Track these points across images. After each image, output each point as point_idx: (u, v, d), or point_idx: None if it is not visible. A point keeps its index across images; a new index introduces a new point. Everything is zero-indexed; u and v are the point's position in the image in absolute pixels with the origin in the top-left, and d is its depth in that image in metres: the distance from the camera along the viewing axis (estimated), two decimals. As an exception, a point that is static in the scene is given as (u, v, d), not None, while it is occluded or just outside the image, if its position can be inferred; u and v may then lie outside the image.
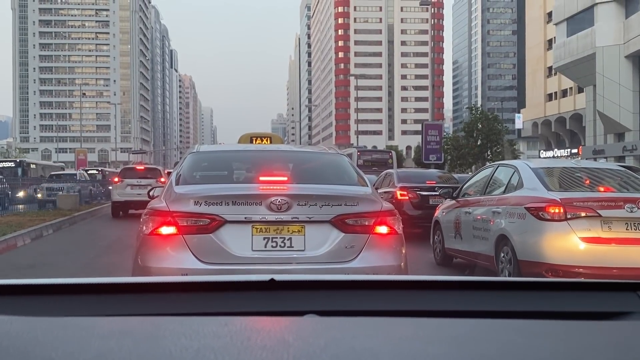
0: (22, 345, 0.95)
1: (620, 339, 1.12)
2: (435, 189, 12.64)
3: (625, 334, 1.19)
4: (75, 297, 1.39)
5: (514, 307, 1.42)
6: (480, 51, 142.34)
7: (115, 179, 21.90)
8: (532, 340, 1.07)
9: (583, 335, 1.14)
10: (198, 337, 0.98)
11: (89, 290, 1.43)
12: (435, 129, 33.80)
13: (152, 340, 1.00)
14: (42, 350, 0.93)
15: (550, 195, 6.74)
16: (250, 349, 0.94)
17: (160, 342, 0.98)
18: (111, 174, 47.84)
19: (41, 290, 1.41)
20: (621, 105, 38.86)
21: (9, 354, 0.91)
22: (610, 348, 1.06)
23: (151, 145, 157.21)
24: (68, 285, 1.42)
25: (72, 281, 1.43)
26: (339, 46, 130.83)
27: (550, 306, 1.43)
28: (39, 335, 1.00)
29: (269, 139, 16.68)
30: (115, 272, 7.90)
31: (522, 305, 1.43)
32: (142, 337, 1.02)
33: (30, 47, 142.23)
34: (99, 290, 1.43)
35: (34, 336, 0.99)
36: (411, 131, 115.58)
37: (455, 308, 1.39)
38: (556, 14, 46.47)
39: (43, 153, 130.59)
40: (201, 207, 4.41)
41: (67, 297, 1.39)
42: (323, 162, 5.68)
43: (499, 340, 1.08)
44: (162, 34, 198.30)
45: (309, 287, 1.50)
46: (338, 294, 1.47)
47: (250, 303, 1.39)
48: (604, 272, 6.32)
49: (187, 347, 0.93)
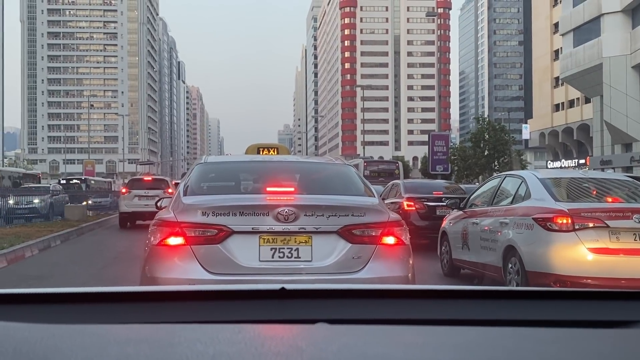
0: (41, 352, 0.96)
1: (627, 347, 1.13)
2: (442, 200, 12.62)
3: (632, 342, 1.20)
4: (91, 306, 1.41)
5: (521, 315, 1.42)
6: (487, 62, 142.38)
7: (123, 190, 21.98)
8: (539, 348, 1.08)
9: (589, 343, 1.14)
10: (213, 344, 0.99)
11: (104, 298, 1.45)
12: (442, 139, 33.82)
13: (168, 347, 1.01)
14: (61, 357, 0.94)
15: (558, 206, 6.72)
16: (265, 355, 0.95)
17: (176, 348, 0.99)
18: (98, 184, 45.93)
19: (59, 298, 1.43)
20: (628, 115, 38.74)
21: (30, 359, 0.93)
22: (617, 356, 1.06)
23: (159, 157, 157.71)
24: (85, 294, 1.44)
25: (89, 290, 1.45)
26: (345, 57, 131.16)
27: (557, 315, 1.43)
28: (58, 342, 1.01)
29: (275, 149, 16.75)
30: (123, 283, 7.91)
31: (529, 314, 1.43)
32: (158, 344, 1.04)
33: (39, 58, 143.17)
34: (114, 299, 1.45)
35: (52, 343, 1.00)
36: (418, 142, 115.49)
37: (462, 317, 1.40)
38: (563, 24, 46.45)
39: (51, 164, 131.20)
40: (209, 217, 4.42)
41: (83, 305, 1.41)
42: (330, 173, 5.68)
43: (506, 347, 1.08)
44: (169, 45, 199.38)
45: (320, 296, 1.51)
46: (348, 302, 1.48)
47: (262, 311, 1.41)
48: (612, 283, 6.29)
49: (203, 353, 0.95)
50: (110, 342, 1.03)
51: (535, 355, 1.03)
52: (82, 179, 42.02)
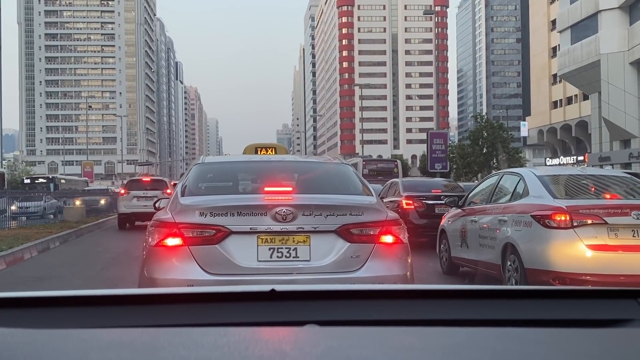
0: (22, 358, 0.95)
1: (620, 346, 1.11)
2: (441, 198, 12.61)
3: (625, 341, 1.18)
4: (75, 309, 1.39)
5: (511, 315, 1.41)
6: (485, 59, 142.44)
7: (122, 190, 21.96)
8: (529, 348, 1.07)
9: (581, 342, 1.13)
10: (196, 348, 0.99)
11: (89, 302, 1.43)
12: (440, 137, 33.80)
13: (150, 351, 1.01)
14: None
15: (556, 203, 6.72)
16: (247, 358, 0.96)
17: (158, 353, 0.99)
18: (69, 183, 39.94)
19: (41, 302, 1.41)
20: (626, 112, 38.77)
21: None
22: (609, 355, 1.05)
23: (157, 157, 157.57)
24: (68, 298, 1.42)
25: (72, 293, 1.43)
26: (343, 56, 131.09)
27: (549, 314, 1.41)
28: (39, 348, 1.01)
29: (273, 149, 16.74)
30: (122, 284, 7.91)
31: (520, 314, 1.41)
32: (140, 348, 1.03)
33: (36, 60, 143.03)
34: (99, 302, 1.43)
35: (34, 348, 1.00)
36: (416, 140, 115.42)
37: (452, 317, 1.38)
38: (560, 21, 46.48)
39: (50, 166, 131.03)
40: (206, 218, 4.42)
41: (67, 309, 1.39)
42: (328, 172, 5.68)
43: (494, 348, 1.07)
44: (167, 46, 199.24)
45: (310, 297, 1.50)
46: (338, 303, 1.47)
47: (251, 314, 1.39)
48: (611, 279, 6.29)
49: (185, 358, 0.95)
50: (92, 347, 1.03)
51: (523, 356, 1.02)
52: (49, 178, 38.78)
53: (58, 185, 36.09)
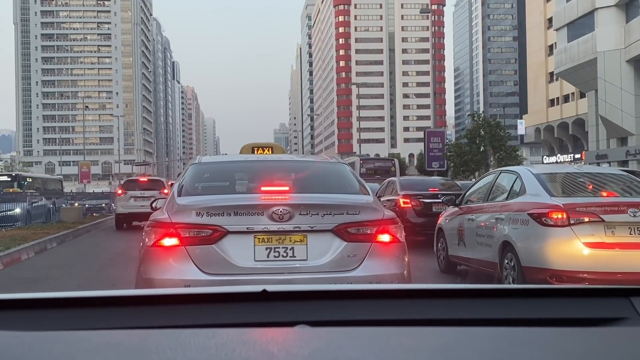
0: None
1: (612, 345, 1.11)
2: (438, 197, 12.61)
3: (617, 340, 1.18)
4: (63, 311, 1.38)
5: (502, 314, 1.40)
6: (482, 58, 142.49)
7: (119, 191, 21.94)
8: (519, 348, 1.06)
9: (573, 342, 1.12)
10: (183, 350, 0.98)
11: (77, 303, 1.41)
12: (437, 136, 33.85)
13: (136, 354, 1.00)
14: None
15: (553, 201, 6.72)
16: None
17: (144, 355, 0.98)
18: (37, 182, 33.80)
19: (28, 305, 1.40)
20: (623, 109, 38.81)
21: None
22: (601, 355, 1.05)
23: (154, 157, 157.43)
24: (55, 300, 1.40)
25: (60, 295, 1.42)
26: (340, 55, 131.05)
27: (540, 313, 1.41)
28: (26, 350, 1.00)
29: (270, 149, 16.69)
30: (119, 284, 7.90)
31: (511, 313, 1.40)
32: (127, 351, 1.03)
33: (33, 60, 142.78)
34: (88, 304, 1.41)
35: (21, 351, 1.00)
36: (414, 139, 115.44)
37: (442, 316, 1.38)
38: (556, 19, 46.48)
39: (47, 166, 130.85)
40: (203, 218, 4.41)
41: (55, 310, 1.38)
42: (324, 171, 5.67)
43: (483, 348, 1.07)
44: (163, 46, 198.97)
45: (302, 297, 1.49)
46: (330, 304, 1.46)
47: (242, 314, 1.38)
48: (608, 277, 6.29)
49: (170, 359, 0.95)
50: (79, 350, 1.02)
51: (512, 356, 1.02)
52: (12, 176, 33.20)
53: (22, 185, 30.26)
